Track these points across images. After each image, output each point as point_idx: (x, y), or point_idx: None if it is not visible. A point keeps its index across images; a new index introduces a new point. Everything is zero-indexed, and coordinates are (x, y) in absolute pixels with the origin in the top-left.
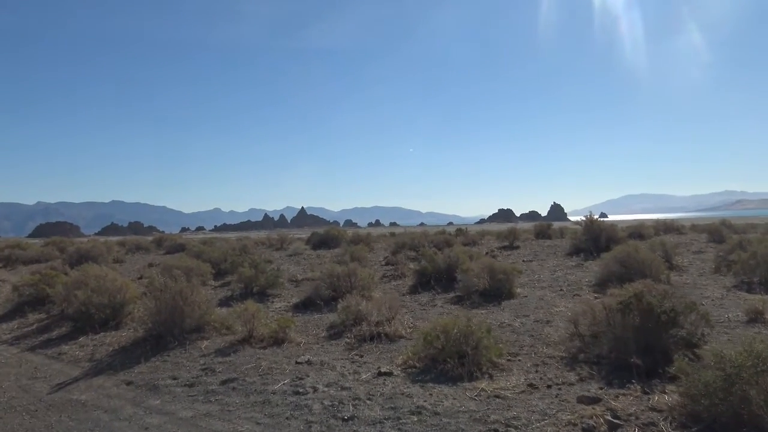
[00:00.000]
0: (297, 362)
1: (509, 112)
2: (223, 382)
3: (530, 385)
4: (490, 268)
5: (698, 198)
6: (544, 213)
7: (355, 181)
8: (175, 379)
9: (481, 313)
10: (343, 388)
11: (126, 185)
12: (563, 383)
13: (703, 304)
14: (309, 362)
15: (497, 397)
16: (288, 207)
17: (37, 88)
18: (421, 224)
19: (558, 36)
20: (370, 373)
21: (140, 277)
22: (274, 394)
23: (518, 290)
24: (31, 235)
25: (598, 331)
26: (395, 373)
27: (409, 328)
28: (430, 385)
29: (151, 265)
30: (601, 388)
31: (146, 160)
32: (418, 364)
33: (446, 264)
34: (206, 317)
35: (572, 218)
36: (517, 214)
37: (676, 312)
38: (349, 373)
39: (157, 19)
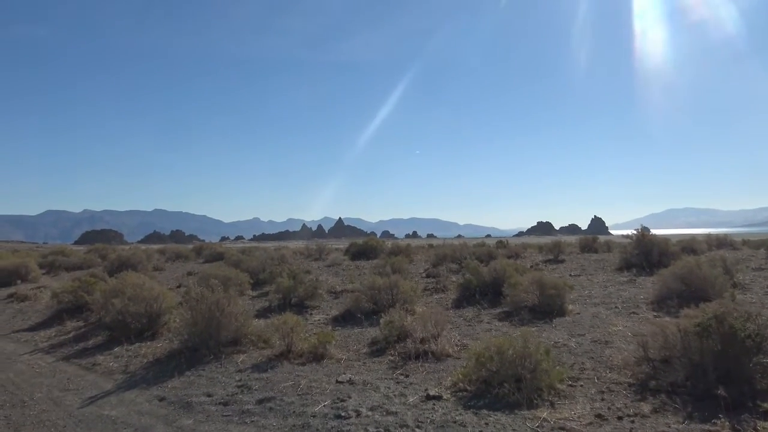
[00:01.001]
0: (338, 381)
1: (549, 123)
2: (260, 401)
3: (598, 415)
4: (540, 283)
5: (745, 213)
6: (584, 226)
7: (393, 192)
8: (209, 396)
9: (532, 331)
10: (388, 413)
11: (168, 194)
12: (636, 414)
13: None
14: (351, 381)
15: (562, 429)
16: (326, 217)
17: (85, 100)
18: (459, 236)
19: (596, 43)
20: (417, 396)
21: (179, 286)
22: (313, 417)
23: (570, 307)
24: (77, 242)
25: (670, 355)
26: (445, 396)
27: (456, 346)
28: (485, 412)
29: (189, 273)
30: (682, 423)
31: (188, 170)
32: (469, 387)
33: (492, 277)
34: (243, 329)
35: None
36: (557, 227)
37: (763, 336)
38: (395, 395)
39: (191, 34)
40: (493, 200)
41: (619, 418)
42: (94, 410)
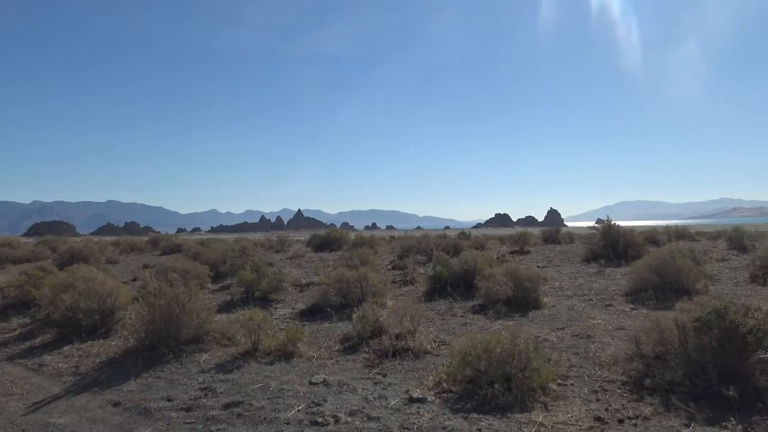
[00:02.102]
0: (311, 382)
1: (507, 118)
2: (226, 406)
3: (597, 418)
4: (515, 275)
5: (694, 205)
6: (541, 218)
7: (353, 185)
8: (169, 400)
9: (509, 325)
10: (369, 418)
11: (122, 185)
12: (637, 417)
13: None
14: (325, 383)
15: None
16: (285, 209)
17: (35, 88)
18: (418, 228)
19: (556, 43)
20: (399, 399)
21: (134, 279)
22: (287, 424)
23: (545, 299)
24: (26, 235)
25: (666, 352)
26: (429, 398)
27: (434, 342)
28: (475, 416)
29: (145, 266)
30: (687, 425)
31: (143, 161)
32: (454, 388)
33: (463, 269)
34: (205, 326)
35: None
36: (514, 219)
37: (764, 331)
38: (374, 397)
39: (158, 24)
40: (452, 193)
41: (620, 421)
42: (39, 418)
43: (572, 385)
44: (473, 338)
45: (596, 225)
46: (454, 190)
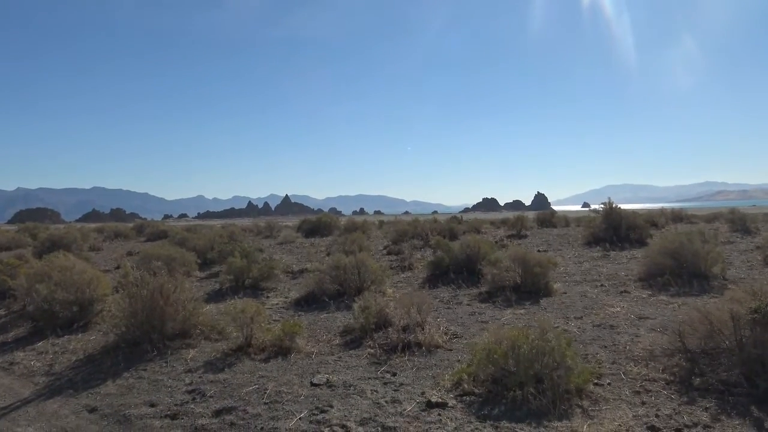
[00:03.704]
0: (313, 383)
1: (495, 103)
2: (217, 413)
3: (651, 427)
4: (523, 260)
5: (680, 188)
6: (528, 202)
7: (340, 170)
8: (152, 406)
9: (520, 314)
10: (385, 429)
11: (108, 171)
12: (695, 424)
13: None
14: (329, 384)
15: None
16: (272, 195)
17: (18, 74)
18: (406, 212)
19: (544, 29)
20: (415, 403)
21: (117, 267)
22: None
23: (556, 286)
24: (9, 222)
25: (716, 347)
26: (450, 403)
27: (445, 334)
28: (506, 424)
29: (130, 253)
30: None
31: (129, 146)
32: (476, 390)
33: (465, 254)
34: (193, 319)
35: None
36: (501, 203)
37: None
38: (386, 401)
39: (141, 7)
40: (440, 177)
41: (677, 431)
42: (4, 427)
43: (609, 385)
44: (497, 333)
45: (597, 208)
46: (443, 175)
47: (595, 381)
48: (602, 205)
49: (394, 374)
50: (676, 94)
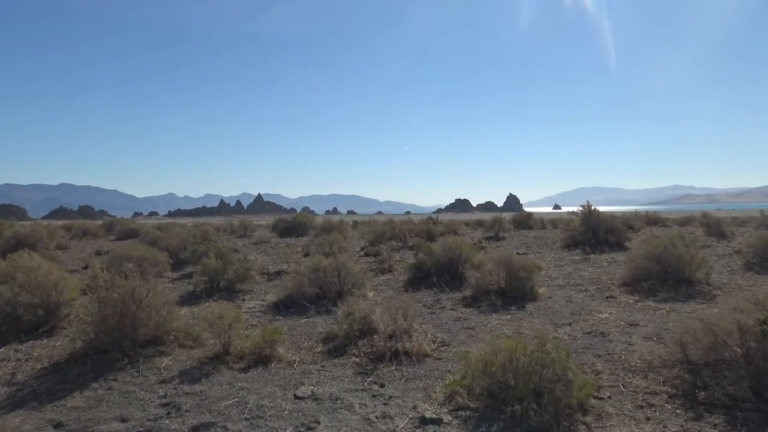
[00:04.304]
0: (297, 396)
1: (467, 106)
2: (195, 430)
3: None
4: (508, 263)
5: (649, 192)
6: (500, 203)
7: (313, 169)
8: (123, 421)
9: (507, 319)
10: None
11: (76, 168)
12: None
13: None
14: (314, 396)
15: None
16: (244, 193)
17: None
18: (379, 213)
19: (517, 33)
20: (407, 419)
21: (85, 267)
22: None
23: (541, 290)
24: None
25: (720, 359)
26: (445, 419)
27: (433, 342)
28: None
29: (99, 252)
30: None
31: (98, 142)
32: (472, 404)
33: (447, 257)
34: (166, 325)
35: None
36: (474, 204)
37: None
38: (377, 417)
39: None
40: (413, 178)
41: None
42: None
43: (610, 398)
44: (493, 343)
45: (575, 210)
46: (415, 175)
47: (596, 394)
48: (581, 208)
49: (383, 385)
50: (647, 99)
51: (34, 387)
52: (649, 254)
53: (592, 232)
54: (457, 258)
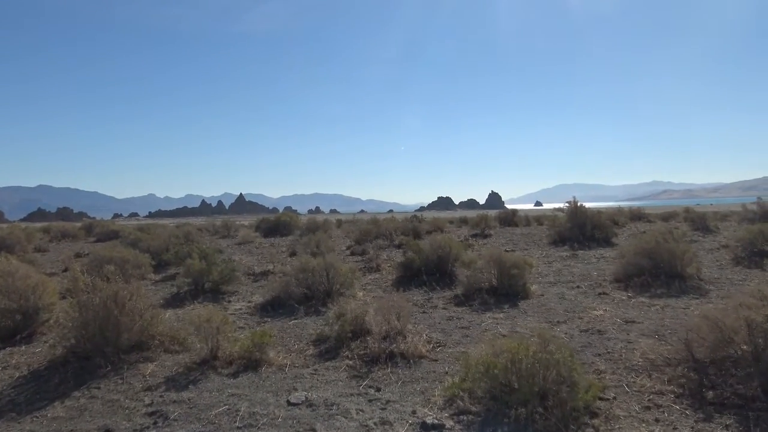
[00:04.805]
0: (290, 402)
1: (451, 106)
2: None
3: None
4: (499, 261)
5: (628, 188)
6: (482, 201)
7: (295, 168)
8: (108, 431)
9: (500, 318)
10: None
11: (55, 169)
12: None
13: None
14: (308, 402)
15: None
16: (226, 193)
17: None
18: (362, 211)
19: (499, 32)
20: (408, 425)
21: (65, 270)
22: None
23: (533, 288)
24: None
25: (728, 356)
26: (447, 424)
27: (428, 343)
28: None
29: (79, 255)
30: None
31: (77, 143)
32: (473, 407)
33: (436, 255)
34: (151, 329)
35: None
36: (456, 202)
37: None
38: (375, 423)
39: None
40: (395, 177)
41: None
42: None
43: (615, 399)
44: (494, 344)
45: (561, 206)
46: (398, 174)
47: (601, 395)
48: (566, 204)
49: (378, 389)
50: (626, 96)
51: (13, 396)
52: (640, 250)
53: (579, 229)
54: (446, 256)
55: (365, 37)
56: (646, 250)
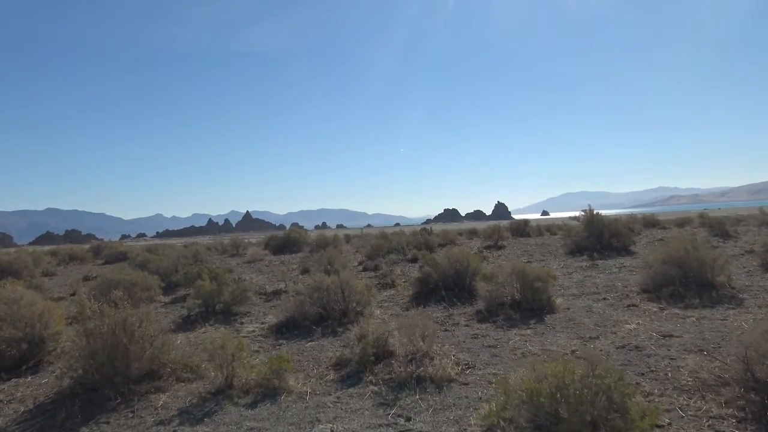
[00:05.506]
0: None
1: (455, 116)
2: None
3: None
4: (522, 274)
5: (634, 195)
6: (488, 212)
7: (301, 184)
8: None
9: (528, 335)
10: None
11: (62, 192)
12: None
13: None
14: None
15: None
16: (233, 211)
17: None
18: (369, 225)
19: (502, 41)
20: None
21: (73, 294)
22: None
23: (559, 301)
24: None
25: None
26: None
27: (457, 365)
28: None
29: (87, 278)
30: None
31: (84, 166)
32: None
33: (454, 269)
34: (162, 357)
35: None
36: (462, 214)
37: None
38: None
39: (94, 20)
40: (400, 190)
41: None
42: None
43: (670, 425)
44: (536, 368)
45: (577, 216)
46: (403, 187)
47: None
48: (582, 212)
49: (408, 419)
50: (630, 102)
51: None
52: (668, 258)
53: (597, 237)
54: (464, 269)
55: (364, 50)
56: (674, 259)
